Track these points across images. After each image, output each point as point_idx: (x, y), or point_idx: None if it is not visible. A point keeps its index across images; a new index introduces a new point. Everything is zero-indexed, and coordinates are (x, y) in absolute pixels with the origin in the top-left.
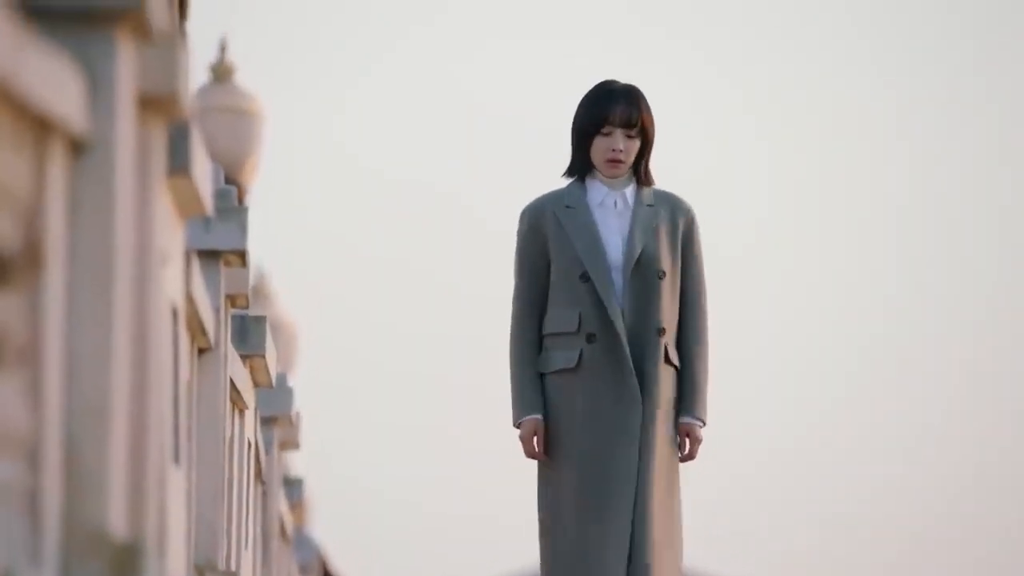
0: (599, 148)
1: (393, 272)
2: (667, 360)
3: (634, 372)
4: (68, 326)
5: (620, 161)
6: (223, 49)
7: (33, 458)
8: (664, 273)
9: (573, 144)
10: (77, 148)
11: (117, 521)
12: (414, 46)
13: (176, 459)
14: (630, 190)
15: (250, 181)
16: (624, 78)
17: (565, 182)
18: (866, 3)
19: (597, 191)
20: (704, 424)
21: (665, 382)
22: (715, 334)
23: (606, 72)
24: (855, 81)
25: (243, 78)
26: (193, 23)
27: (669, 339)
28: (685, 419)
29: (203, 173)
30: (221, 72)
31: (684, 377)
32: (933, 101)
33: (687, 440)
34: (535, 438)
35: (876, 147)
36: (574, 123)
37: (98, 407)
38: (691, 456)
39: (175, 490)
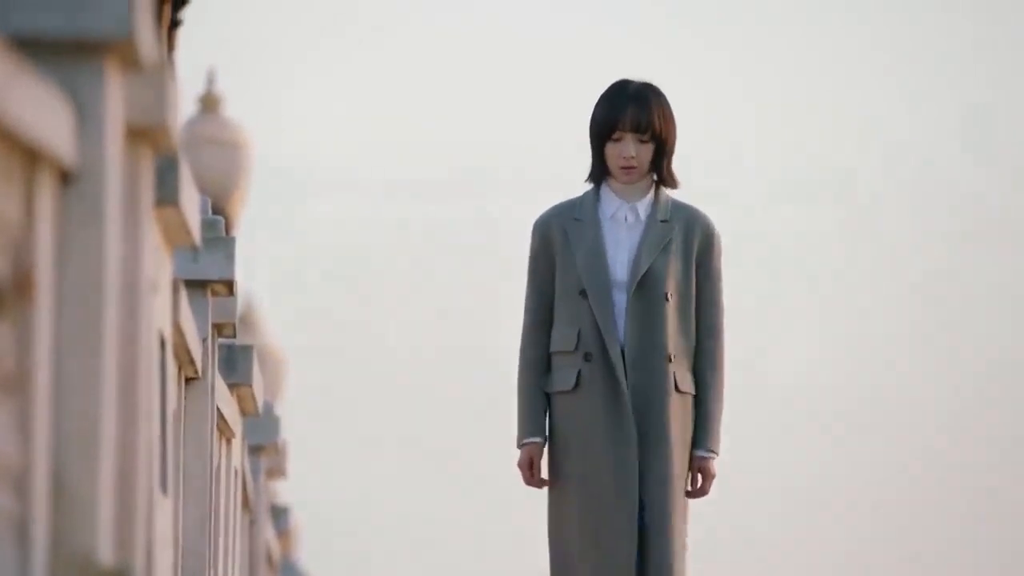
0: (612, 154)
1: (381, 300)
2: (678, 389)
3: (629, 398)
4: (56, 355)
5: (633, 168)
6: (211, 80)
7: (21, 486)
8: (671, 295)
9: (591, 148)
10: (66, 178)
11: (105, 549)
12: (403, 78)
13: (163, 487)
14: (645, 202)
15: (237, 211)
16: (609, 82)
17: (585, 188)
18: (882, 10)
19: (610, 203)
20: (717, 455)
21: (676, 412)
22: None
23: (597, 82)
24: (868, 87)
25: (230, 109)
26: (181, 54)
27: (679, 366)
28: (698, 452)
29: (191, 203)
30: (209, 103)
31: (699, 406)
32: (943, 107)
33: (699, 476)
34: (532, 465)
35: (887, 151)
36: (590, 127)
37: (86, 435)
38: (703, 492)
39: (162, 518)
